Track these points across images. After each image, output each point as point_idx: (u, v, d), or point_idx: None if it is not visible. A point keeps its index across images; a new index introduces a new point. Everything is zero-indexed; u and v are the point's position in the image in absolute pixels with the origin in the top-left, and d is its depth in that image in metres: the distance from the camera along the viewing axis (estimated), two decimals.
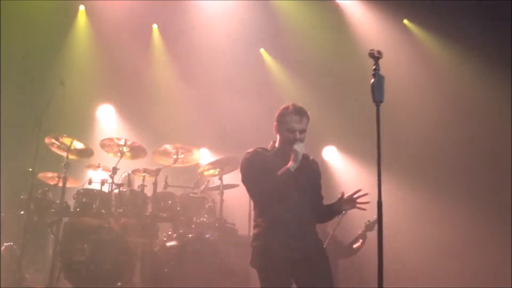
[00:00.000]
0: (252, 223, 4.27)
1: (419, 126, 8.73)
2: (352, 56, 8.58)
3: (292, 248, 3.98)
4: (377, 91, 3.19)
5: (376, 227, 7.12)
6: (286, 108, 4.32)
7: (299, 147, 4.10)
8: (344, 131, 9.26)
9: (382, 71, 3.29)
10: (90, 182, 6.72)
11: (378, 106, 3.24)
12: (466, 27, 8.26)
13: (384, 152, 8.48)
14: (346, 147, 9.70)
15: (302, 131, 4.28)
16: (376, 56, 3.27)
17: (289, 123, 4.24)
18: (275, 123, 4.34)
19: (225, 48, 9.30)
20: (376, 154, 3.15)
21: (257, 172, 4.11)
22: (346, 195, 4.20)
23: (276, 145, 4.33)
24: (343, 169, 9.86)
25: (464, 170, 8.32)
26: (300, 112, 4.30)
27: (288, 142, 4.19)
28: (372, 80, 3.25)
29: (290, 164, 4.04)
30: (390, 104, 8.20)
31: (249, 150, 4.30)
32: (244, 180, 4.21)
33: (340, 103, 9.18)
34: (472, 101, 8.43)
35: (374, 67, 3.25)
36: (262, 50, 10.05)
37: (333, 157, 9.99)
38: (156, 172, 6.79)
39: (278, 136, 4.31)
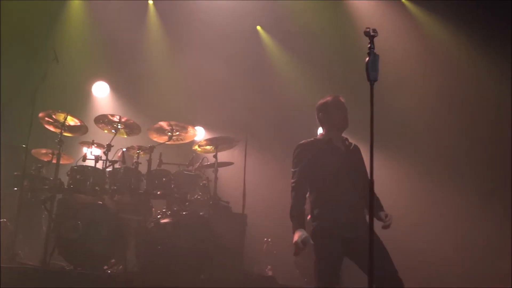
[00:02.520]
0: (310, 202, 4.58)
1: (418, 106, 8.71)
2: (349, 34, 8.52)
3: (345, 228, 4.29)
4: (372, 70, 3.16)
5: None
6: (328, 100, 4.72)
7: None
8: None
9: (380, 50, 3.27)
10: (84, 159, 6.68)
11: (372, 85, 3.21)
12: (464, 6, 8.20)
13: (380, 132, 8.49)
14: None
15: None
16: (371, 35, 3.24)
17: (336, 109, 4.63)
18: (319, 114, 4.70)
19: (222, 25, 9.21)
20: (370, 134, 3.12)
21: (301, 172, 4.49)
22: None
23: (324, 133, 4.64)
24: None
25: (461, 151, 8.33)
26: (340, 104, 4.68)
27: (335, 134, 4.56)
28: (367, 59, 3.22)
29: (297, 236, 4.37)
30: (388, 83, 8.27)
31: (295, 147, 4.64)
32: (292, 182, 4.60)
33: (336, 82, 9.13)
34: (470, 81, 8.40)
35: (369, 46, 3.22)
36: (258, 27, 9.97)
37: None
38: (150, 149, 6.76)
39: (322, 128, 4.65)
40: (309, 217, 6.68)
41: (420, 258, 7.97)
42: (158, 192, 6.63)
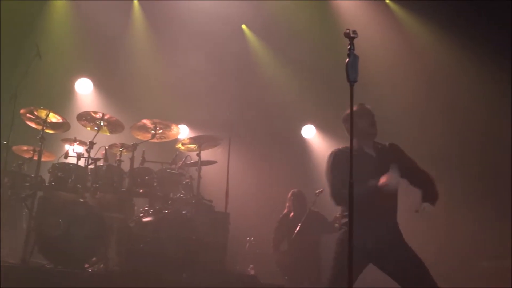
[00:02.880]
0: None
1: (399, 104, 8.77)
2: (332, 35, 8.55)
3: (367, 239, 4.32)
4: (351, 71, 3.18)
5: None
6: (355, 110, 4.59)
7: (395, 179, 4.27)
8: (323, 110, 9.28)
9: (363, 50, 3.28)
10: (66, 156, 6.63)
11: (352, 86, 3.23)
12: (447, 6, 8.26)
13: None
14: (325, 126, 9.75)
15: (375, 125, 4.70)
16: (351, 36, 3.26)
17: (363, 118, 4.62)
18: (346, 125, 4.68)
19: (207, 23, 9.19)
20: (349, 134, 3.14)
21: (339, 174, 4.43)
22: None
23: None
24: (322, 147, 9.91)
25: (446, 151, 8.40)
26: (369, 114, 4.68)
27: (367, 135, 4.60)
28: (347, 60, 3.23)
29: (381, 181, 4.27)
30: (371, 82, 8.32)
31: (331, 152, 4.62)
32: (326, 176, 4.55)
33: (320, 82, 9.17)
34: (454, 80, 8.46)
35: (349, 47, 3.24)
36: (243, 26, 9.96)
37: (312, 135, 10.03)
38: (133, 147, 6.72)
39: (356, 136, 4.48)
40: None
41: None
42: (141, 190, 6.61)
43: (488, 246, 7.56)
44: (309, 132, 10.02)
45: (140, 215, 6.55)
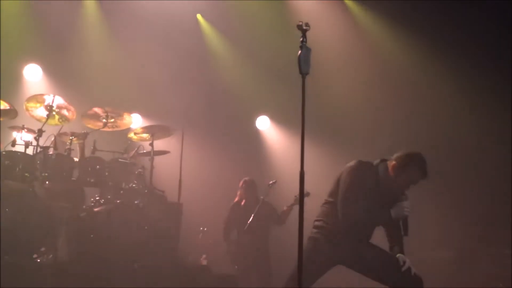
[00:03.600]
0: (329, 209, 4.51)
1: (351, 96, 8.91)
2: (287, 28, 8.59)
3: (340, 254, 4.42)
4: (304, 63, 3.22)
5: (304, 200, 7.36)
6: (419, 164, 4.43)
7: (407, 209, 4.31)
8: (277, 102, 9.34)
9: (319, 43, 3.32)
10: (13, 144, 6.43)
11: (304, 78, 3.27)
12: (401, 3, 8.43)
13: (315, 123, 8.64)
14: (279, 117, 9.82)
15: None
16: (304, 29, 3.29)
17: (413, 179, 4.42)
18: (394, 162, 4.44)
19: (161, 12, 9.08)
20: (301, 125, 3.18)
21: (358, 194, 4.33)
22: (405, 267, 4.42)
23: (388, 173, 4.46)
24: (276, 138, 9.99)
25: (393, 141, 8.58)
26: (426, 177, 4.44)
27: (400, 186, 4.43)
28: (299, 52, 3.27)
29: (393, 212, 4.31)
30: (325, 76, 8.43)
31: (354, 163, 4.49)
32: (345, 191, 4.37)
33: (274, 74, 9.21)
34: (401, 74, 8.65)
35: (301, 39, 3.27)
36: (198, 16, 9.88)
37: (266, 127, 10.09)
38: (84, 136, 6.61)
39: (391, 170, 4.44)
40: None
41: None
42: (92, 180, 6.50)
43: (431, 238, 7.80)
44: (263, 123, 10.07)
45: (91, 205, 6.48)
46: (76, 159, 6.61)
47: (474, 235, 7.58)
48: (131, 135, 7.24)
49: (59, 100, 6.54)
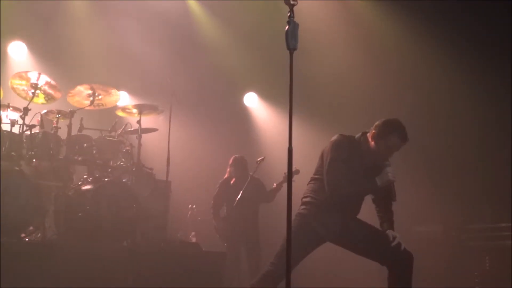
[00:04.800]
0: (313, 185, 4.54)
1: (338, 71, 8.88)
2: (275, 2, 8.50)
3: (328, 230, 4.43)
4: (291, 38, 3.19)
5: (294, 178, 7.38)
6: (398, 129, 4.44)
7: (391, 174, 4.32)
8: (265, 78, 9.30)
9: (303, 19, 3.28)
10: None
11: (291, 53, 3.24)
12: None
13: (304, 100, 8.62)
14: (267, 94, 9.78)
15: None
16: (291, 3, 3.25)
17: (393, 145, 4.43)
18: (374, 131, 4.47)
19: None
20: (288, 101, 3.16)
21: (342, 171, 4.34)
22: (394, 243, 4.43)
23: (369, 144, 4.49)
24: (264, 115, 9.97)
25: (382, 116, 8.58)
26: (406, 142, 4.45)
27: (382, 155, 4.44)
28: (287, 27, 3.23)
29: (379, 179, 4.32)
30: (311, 51, 8.38)
31: (336, 137, 4.50)
32: (329, 163, 4.39)
33: (263, 50, 9.14)
34: (389, 51, 8.62)
35: (289, 14, 3.23)
36: None
37: (254, 103, 10.05)
38: (71, 114, 6.53)
39: (371, 140, 4.47)
40: None
41: None
42: (79, 158, 6.46)
43: (419, 212, 7.86)
44: (251, 100, 10.03)
45: (79, 183, 6.44)
46: (63, 137, 6.54)
47: (460, 210, 7.65)
48: (119, 112, 7.18)
49: (44, 78, 6.45)
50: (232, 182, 7.59)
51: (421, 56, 8.38)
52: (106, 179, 6.31)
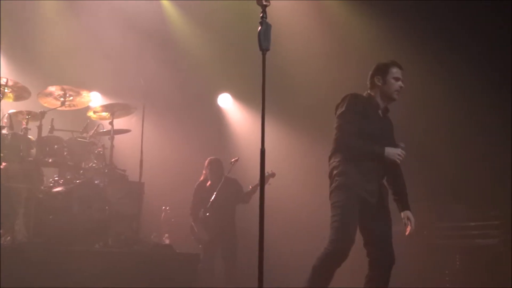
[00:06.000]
0: (335, 155, 4.45)
1: (311, 72, 8.90)
2: (249, 3, 8.49)
3: (369, 192, 4.33)
4: (264, 39, 3.20)
5: (270, 181, 7.38)
6: (391, 60, 4.66)
7: (400, 157, 4.36)
8: (240, 79, 9.27)
9: (276, 19, 3.29)
10: None
11: (264, 54, 3.25)
12: None
13: (278, 100, 8.60)
14: (242, 95, 9.76)
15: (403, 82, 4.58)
16: (264, 4, 3.26)
17: (397, 74, 4.55)
18: (376, 76, 4.59)
19: None
20: (261, 102, 3.16)
21: (352, 127, 4.35)
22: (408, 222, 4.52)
23: (378, 91, 4.58)
24: (239, 116, 9.95)
25: None
26: (401, 68, 4.61)
27: (394, 90, 4.53)
28: (259, 28, 3.24)
29: (388, 150, 4.34)
30: (285, 51, 8.38)
31: (349, 94, 4.52)
32: (341, 113, 4.42)
33: (237, 51, 9.13)
34: (364, 51, 8.66)
35: (261, 15, 3.24)
36: None
37: (228, 104, 10.03)
38: (41, 115, 6.44)
39: (379, 84, 4.56)
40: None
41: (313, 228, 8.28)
42: (50, 160, 6.39)
43: (391, 211, 7.92)
44: (225, 101, 10.00)
45: (50, 185, 6.36)
46: (33, 139, 6.44)
47: (431, 209, 7.73)
48: (90, 113, 7.10)
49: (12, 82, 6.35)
50: (208, 184, 7.56)
51: (396, 56, 8.41)
52: (77, 181, 6.26)
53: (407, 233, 4.51)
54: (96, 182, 6.52)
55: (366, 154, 4.36)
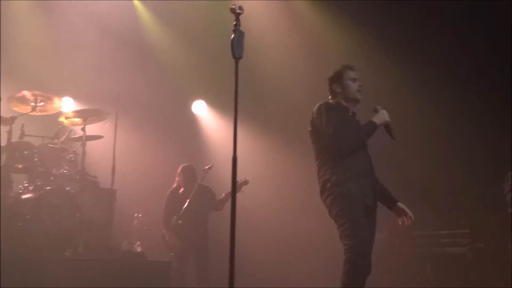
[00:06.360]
0: (323, 169, 4.41)
1: (285, 80, 8.94)
2: (223, 11, 8.49)
3: (367, 195, 4.34)
4: (237, 47, 3.20)
5: (243, 188, 7.36)
6: (343, 65, 4.66)
7: (387, 114, 4.47)
8: (214, 86, 9.26)
9: (250, 25, 3.30)
10: None
11: (237, 62, 3.25)
12: None
13: (252, 107, 8.59)
14: (216, 102, 9.75)
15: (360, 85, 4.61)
16: (237, 12, 3.27)
17: (353, 77, 4.57)
18: (333, 83, 4.61)
19: None
20: (234, 109, 3.16)
21: (340, 122, 4.34)
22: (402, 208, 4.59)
23: (340, 96, 4.59)
24: (213, 123, 9.93)
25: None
26: (353, 69, 4.64)
27: (354, 91, 4.54)
28: (232, 36, 3.25)
29: (375, 119, 4.43)
30: (260, 59, 8.40)
31: (321, 103, 4.51)
32: (325, 128, 4.35)
33: (212, 58, 9.11)
34: (337, 56, 8.71)
35: (234, 23, 3.25)
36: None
37: (202, 111, 10.00)
38: (11, 120, 6.34)
39: (338, 90, 4.58)
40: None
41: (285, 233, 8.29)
42: (20, 166, 6.27)
43: None
44: (199, 108, 9.97)
45: (19, 192, 6.24)
46: (2, 144, 6.33)
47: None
48: (62, 119, 6.99)
49: None
50: (181, 191, 7.51)
51: (371, 58, 8.46)
52: (48, 188, 6.15)
53: (409, 222, 4.58)
54: (67, 189, 6.43)
55: (367, 136, 4.43)
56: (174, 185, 7.61)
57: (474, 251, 7.11)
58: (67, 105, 8.11)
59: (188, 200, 7.20)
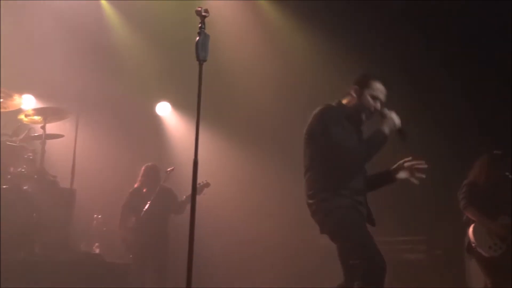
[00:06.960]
0: (312, 181, 4.09)
1: (251, 83, 8.96)
2: (188, 11, 8.46)
3: (361, 204, 4.15)
4: (201, 49, 3.21)
5: (204, 191, 7.35)
6: (380, 77, 4.15)
7: (397, 117, 4.02)
8: (179, 87, 9.22)
9: (217, 31, 3.31)
10: None
11: (201, 64, 3.26)
12: None
13: (217, 110, 8.57)
14: (181, 104, 9.70)
15: (382, 104, 4.10)
16: (202, 15, 3.28)
17: (378, 91, 4.09)
18: (355, 86, 4.14)
19: None
20: (196, 113, 3.16)
21: (346, 136, 3.97)
22: (407, 164, 4.23)
23: (352, 103, 4.17)
24: (177, 125, 9.88)
25: (291, 131, 8.73)
26: (387, 89, 4.12)
27: (367, 108, 4.09)
28: (197, 39, 3.25)
29: (384, 127, 4.00)
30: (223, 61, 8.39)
31: (323, 109, 4.10)
32: (328, 142, 3.96)
33: (177, 60, 9.06)
34: (305, 59, 8.78)
35: (200, 26, 3.26)
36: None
37: (166, 112, 9.94)
38: None
39: (355, 95, 4.14)
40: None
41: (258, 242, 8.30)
42: None
43: None
44: (163, 109, 9.90)
45: None
46: None
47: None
48: (22, 116, 6.84)
49: None
50: (144, 191, 7.45)
51: (335, 58, 8.49)
52: (4, 186, 6.00)
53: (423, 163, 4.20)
54: (24, 188, 6.29)
55: (375, 153, 4.07)
56: (136, 185, 7.55)
57: (431, 257, 7.25)
58: (27, 103, 7.92)
59: (149, 202, 7.14)
